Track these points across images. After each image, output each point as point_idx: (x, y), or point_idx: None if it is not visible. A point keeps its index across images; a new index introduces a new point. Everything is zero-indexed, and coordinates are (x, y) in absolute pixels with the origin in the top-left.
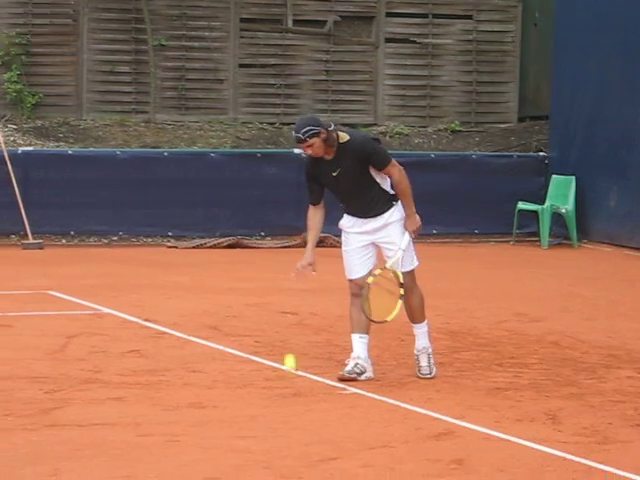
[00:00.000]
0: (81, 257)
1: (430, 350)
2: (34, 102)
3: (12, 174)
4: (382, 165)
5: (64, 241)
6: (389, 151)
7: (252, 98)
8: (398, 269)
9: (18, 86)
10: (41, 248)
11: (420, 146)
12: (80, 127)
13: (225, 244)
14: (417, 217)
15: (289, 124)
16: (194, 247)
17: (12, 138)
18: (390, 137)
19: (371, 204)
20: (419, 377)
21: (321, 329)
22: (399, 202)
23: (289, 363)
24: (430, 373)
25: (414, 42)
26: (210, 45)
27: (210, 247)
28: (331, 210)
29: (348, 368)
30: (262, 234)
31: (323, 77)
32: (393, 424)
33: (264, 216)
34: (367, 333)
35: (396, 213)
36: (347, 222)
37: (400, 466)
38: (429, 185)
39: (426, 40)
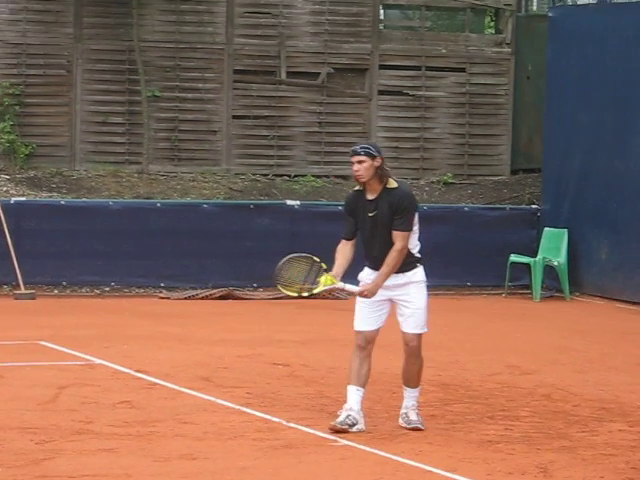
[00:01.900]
0: (73, 307)
1: (417, 408)
2: (27, 152)
3: (4, 224)
4: (398, 226)
5: (56, 291)
6: None
7: (245, 149)
8: (324, 288)
9: (11, 136)
10: (33, 298)
11: None
12: (73, 177)
13: (217, 295)
14: (378, 291)
15: (282, 175)
16: (186, 298)
17: (5, 188)
18: None
19: None
20: (409, 429)
21: (312, 381)
22: (422, 266)
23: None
24: (422, 425)
25: (407, 94)
26: (204, 96)
27: (202, 298)
28: (331, 261)
29: (340, 419)
30: (254, 285)
31: (316, 129)
32: (384, 477)
33: (256, 267)
34: (364, 387)
35: (419, 275)
36: (368, 275)
37: None
38: (421, 237)
39: (419, 92)
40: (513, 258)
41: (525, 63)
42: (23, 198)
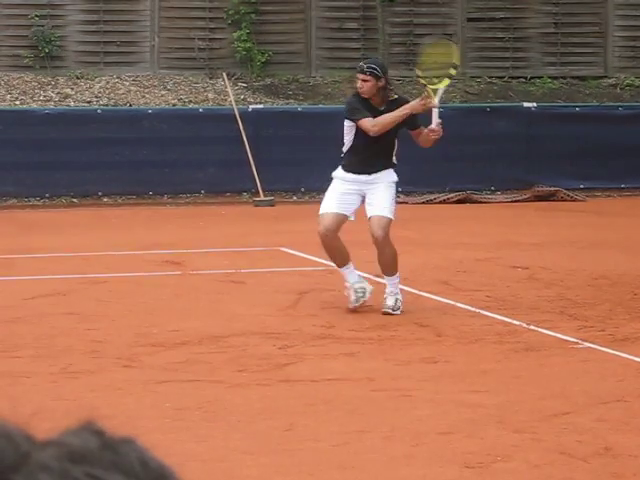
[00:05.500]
0: (311, 214)
1: (398, 294)
2: (263, 60)
3: (243, 132)
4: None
5: (295, 198)
6: (621, 103)
7: (480, 52)
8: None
9: (247, 44)
10: (272, 205)
11: None
12: (309, 84)
13: (454, 199)
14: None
15: (518, 78)
16: (423, 202)
17: (242, 96)
18: (621, 89)
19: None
20: (382, 313)
21: (552, 283)
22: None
23: None
24: (393, 310)
25: None
26: (438, 0)
27: (440, 202)
28: (530, 163)
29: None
30: (492, 189)
31: (552, 30)
32: (627, 378)
33: (493, 171)
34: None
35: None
36: (346, 178)
37: (635, 420)
38: None
39: None
40: None
41: None
42: (260, 106)
